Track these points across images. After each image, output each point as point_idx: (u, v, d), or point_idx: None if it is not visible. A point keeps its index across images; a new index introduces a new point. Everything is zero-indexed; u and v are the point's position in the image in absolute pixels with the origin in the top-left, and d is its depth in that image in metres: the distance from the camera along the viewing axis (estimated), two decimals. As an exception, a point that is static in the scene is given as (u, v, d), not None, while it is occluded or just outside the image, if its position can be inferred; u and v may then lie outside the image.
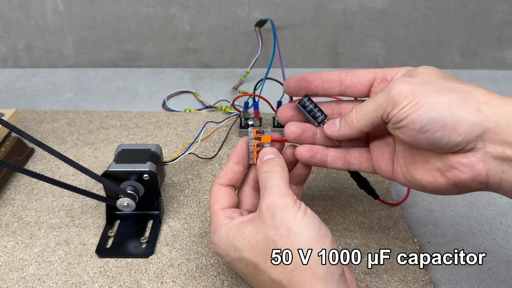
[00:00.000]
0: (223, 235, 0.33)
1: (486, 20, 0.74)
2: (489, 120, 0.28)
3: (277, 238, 0.30)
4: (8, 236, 0.45)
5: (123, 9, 0.76)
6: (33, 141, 0.37)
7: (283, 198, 0.31)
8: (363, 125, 0.33)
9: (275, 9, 0.75)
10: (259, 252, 0.31)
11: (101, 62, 0.82)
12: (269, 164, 0.35)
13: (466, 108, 0.28)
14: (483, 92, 0.29)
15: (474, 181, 0.29)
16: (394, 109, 0.30)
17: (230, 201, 0.36)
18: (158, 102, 0.71)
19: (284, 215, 0.30)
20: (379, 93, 0.32)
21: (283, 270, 0.30)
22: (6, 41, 0.79)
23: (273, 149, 0.37)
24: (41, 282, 0.40)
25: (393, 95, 0.30)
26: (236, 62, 0.81)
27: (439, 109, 0.28)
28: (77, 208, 0.48)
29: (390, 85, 0.31)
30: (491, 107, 0.28)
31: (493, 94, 0.29)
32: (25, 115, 0.65)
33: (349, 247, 0.43)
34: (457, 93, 0.29)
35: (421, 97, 0.29)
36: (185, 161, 0.56)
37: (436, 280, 0.41)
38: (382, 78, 0.36)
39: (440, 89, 0.29)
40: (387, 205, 0.48)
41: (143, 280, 0.40)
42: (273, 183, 0.32)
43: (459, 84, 0.30)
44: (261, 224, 0.31)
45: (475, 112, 0.28)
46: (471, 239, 0.45)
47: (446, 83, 0.30)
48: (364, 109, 0.33)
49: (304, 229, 0.30)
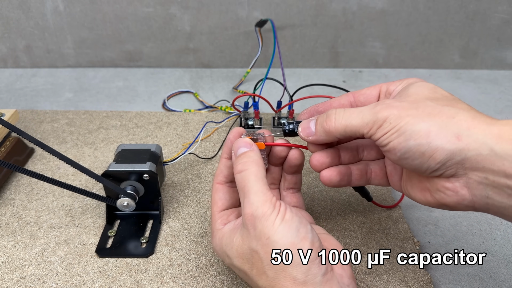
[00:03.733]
0: (218, 241, 0.34)
1: (486, 20, 0.74)
2: (470, 148, 0.27)
3: (259, 248, 0.30)
4: (8, 236, 0.45)
5: (123, 9, 0.76)
6: (33, 141, 0.37)
7: (261, 207, 0.30)
8: (341, 135, 0.33)
9: (275, 9, 0.75)
10: (246, 261, 0.32)
11: (101, 62, 0.82)
12: (242, 161, 0.33)
13: (444, 136, 0.28)
14: (467, 117, 0.28)
15: (460, 204, 0.30)
16: (377, 133, 0.30)
17: (228, 202, 0.36)
18: (158, 102, 0.71)
19: (263, 225, 0.30)
20: (366, 110, 0.31)
21: (266, 279, 0.30)
22: (6, 41, 0.79)
23: (246, 141, 0.35)
24: (41, 282, 0.40)
25: (379, 119, 0.30)
26: (236, 62, 0.81)
27: (417, 138, 0.28)
28: (77, 208, 0.48)
29: (379, 108, 0.31)
30: (472, 134, 0.27)
31: (478, 117, 0.28)
32: (25, 115, 0.65)
33: (349, 247, 0.43)
34: (439, 119, 0.29)
35: (402, 124, 0.29)
36: (185, 161, 0.56)
37: (436, 280, 0.41)
38: (386, 92, 0.36)
39: (423, 114, 0.29)
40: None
41: (143, 280, 0.40)
42: (250, 189, 0.32)
43: (444, 108, 0.29)
44: (245, 235, 0.31)
45: (454, 140, 0.28)
46: (471, 239, 0.45)
47: (432, 107, 0.30)
48: (347, 122, 0.32)
49: (281, 237, 0.30)
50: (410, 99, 0.31)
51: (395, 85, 0.35)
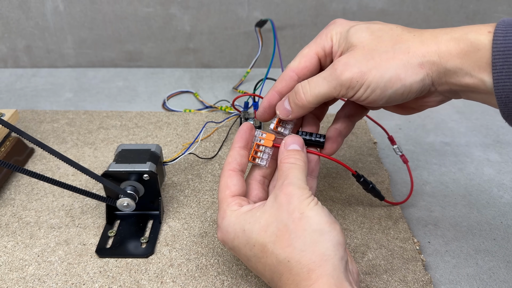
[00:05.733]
0: (234, 218, 0.34)
1: (486, 20, 0.74)
2: (432, 70, 0.32)
3: (290, 222, 0.31)
4: (8, 236, 0.45)
5: (123, 9, 0.76)
6: (33, 141, 0.37)
7: (302, 190, 0.33)
8: (315, 104, 0.36)
9: (275, 9, 0.75)
10: (269, 234, 0.32)
11: (101, 62, 0.82)
12: (295, 156, 0.35)
13: (412, 71, 0.32)
14: (417, 44, 0.32)
15: (439, 103, 0.36)
16: (350, 92, 0.34)
17: (241, 189, 0.37)
18: (158, 102, 0.71)
19: (299, 202, 0.32)
20: (328, 76, 0.34)
21: (292, 251, 0.31)
22: (6, 41, 0.79)
23: (300, 140, 0.37)
24: (41, 282, 0.40)
25: (345, 81, 0.33)
26: (236, 62, 0.81)
27: (392, 85, 0.32)
28: (77, 208, 0.48)
29: (339, 71, 0.33)
30: (429, 59, 0.32)
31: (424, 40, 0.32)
32: (25, 115, 0.65)
33: (349, 247, 0.43)
34: (398, 60, 0.32)
35: (370, 79, 0.32)
36: (185, 161, 0.56)
37: (436, 280, 0.41)
38: (325, 55, 0.37)
39: (384, 62, 0.32)
40: (387, 205, 0.48)
41: (143, 280, 0.40)
42: (295, 175, 0.34)
43: (395, 47, 0.33)
44: (275, 208, 0.32)
45: (419, 70, 0.32)
46: (471, 239, 0.45)
47: (385, 52, 0.33)
48: (316, 92, 0.35)
49: (316, 214, 0.31)
50: (359, 50, 0.34)
51: (327, 43, 0.37)
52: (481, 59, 0.30)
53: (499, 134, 0.62)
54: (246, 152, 0.38)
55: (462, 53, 0.31)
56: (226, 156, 0.40)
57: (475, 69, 0.31)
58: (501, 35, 0.29)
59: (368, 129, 0.62)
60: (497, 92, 0.30)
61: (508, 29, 0.30)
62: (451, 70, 0.32)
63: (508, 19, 0.30)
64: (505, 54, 0.29)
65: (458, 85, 0.32)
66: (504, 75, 0.29)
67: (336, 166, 0.54)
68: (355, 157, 0.56)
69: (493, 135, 0.62)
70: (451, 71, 0.32)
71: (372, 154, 0.57)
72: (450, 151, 0.59)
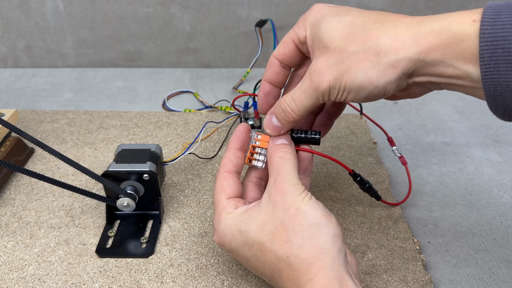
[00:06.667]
0: (230, 221, 0.34)
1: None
2: (407, 67, 0.30)
3: (286, 219, 0.31)
4: (8, 236, 0.45)
5: (123, 9, 0.76)
6: (33, 141, 0.37)
7: (295, 186, 0.33)
8: (305, 115, 0.36)
9: (275, 9, 0.75)
10: (266, 233, 0.32)
11: (101, 62, 0.82)
12: (283, 150, 0.36)
13: (383, 73, 0.31)
14: (389, 42, 0.30)
15: (420, 94, 0.35)
16: (331, 97, 0.33)
17: (237, 191, 0.37)
18: (158, 102, 0.71)
19: (293, 198, 0.32)
20: (307, 87, 0.34)
21: (290, 247, 0.31)
22: (6, 41, 0.79)
23: (287, 135, 0.37)
24: (41, 282, 0.40)
25: (323, 90, 0.33)
26: (236, 62, 0.81)
27: (364, 89, 0.31)
28: (77, 208, 0.48)
29: (315, 81, 0.33)
30: (403, 57, 0.30)
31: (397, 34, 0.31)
32: (25, 115, 0.65)
33: (349, 247, 0.43)
34: (368, 62, 0.31)
35: (344, 84, 0.32)
36: (185, 161, 0.56)
37: (436, 280, 0.41)
38: (299, 42, 0.37)
39: (353, 65, 0.31)
40: (387, 205, 0.48)
41: (143, 280, 0.40)
42: (287, 171, 0.34)
43: (366, 45, 0.31)
44: (270, 207, 0.32)
45: (393, 70, 0.30)
46: (471, 239, 0.45)
47: (355, 53, 0.31)
48: (302, 106, 0.35)
49: (311, 208, 0.32)
50: (331, 53, 0.32)
51: (301, 32, 0.36)
52: (465, 50, 0.28)
53: (499, 134, 0.62)
54: (242, 153, 0.38)
55: (443, 45, 0.29)
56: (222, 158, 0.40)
57: (458, 60, 0.29)
58: (488, 23, 0.27)
59: (368, 129, 0.62)
60: (485, 85, 0.28)
61: (495, 16, 0.27)
62: (431, 63, 0.30)
63: (495, 4, 0.28)
64: (493, 45, 0.27)
65: (439, 76, 0.31)
66: (492, 67, 0.27)
67: (336, 166, 0.54)
68: (355, 157, 0.56)
69: (493, 135, 0.62)
70: (430, 64, 0.30)
71: (372, 154, 0.57)
72: (450, 151, 0.59)
